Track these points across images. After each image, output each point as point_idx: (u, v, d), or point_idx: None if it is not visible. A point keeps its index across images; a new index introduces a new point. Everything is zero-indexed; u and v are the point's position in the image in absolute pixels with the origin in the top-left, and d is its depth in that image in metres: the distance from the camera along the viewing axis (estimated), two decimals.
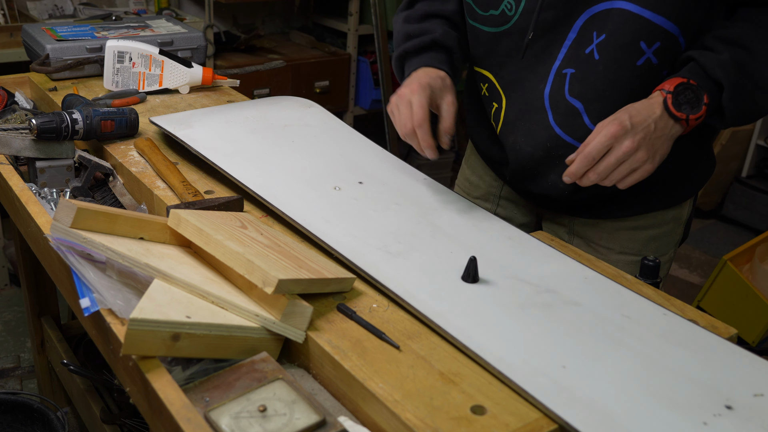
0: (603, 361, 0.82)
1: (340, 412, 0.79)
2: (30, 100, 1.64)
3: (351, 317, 0.87)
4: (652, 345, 0.85)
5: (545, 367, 0.80)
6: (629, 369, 0.81)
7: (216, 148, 1.26)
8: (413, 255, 1.01)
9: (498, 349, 0.82)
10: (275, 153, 1.27)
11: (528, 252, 1.04)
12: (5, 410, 1.70)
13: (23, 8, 3.00)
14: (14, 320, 2.54)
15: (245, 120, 1.39)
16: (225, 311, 0.83)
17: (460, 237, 1.06)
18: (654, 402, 0.76)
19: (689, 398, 0.77)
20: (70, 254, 0.88)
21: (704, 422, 0.74)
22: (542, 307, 0.91)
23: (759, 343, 2.40)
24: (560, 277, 0.98)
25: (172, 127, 1.33)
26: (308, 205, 1.11)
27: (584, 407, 0.74)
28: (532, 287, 0.95)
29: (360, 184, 1.19)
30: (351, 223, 1.07)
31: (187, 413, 0.71)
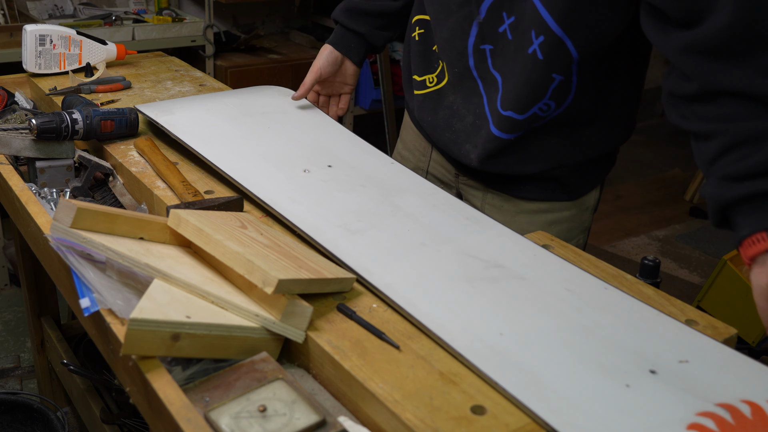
0: (538, 329, 0.87)
1: (340, 412, 0.79)
2: (30, 100, 1.64)
3: (351, 317, 0.87)
4: (589, 315, 0.89)
5: (483, 334, 0.85)
6: (562, 337, 0.85)
7: (194, 133, 1.32)
8: (371, 233, 1.06)
9: (441, 318, 0.87)
10: (250, 138, 1.33)
11: (483, 231, 1.08)
12: (5, 410, 1.70)
13: (23, 8, 3.00)
14: (14, 320, 2.54)
15: (225, 107, 1.46)
16: (225, 311, 0.83)
17: (420, 216, 1.11)
18: (582, 366, 0.81)
19: (616, 363, 0.81)
20: (70, 254, 0.88)
21: (627, 384, 0.78)
22: (489, 280, 0.96)
23: (759, 343, 2.40)
24: (510, 254, 1.02)
25: (154, 113, 1.40)
26: (277, 186, 1.17)
27: (515, 370, 0.79)
28: (481, 263, 0.99)
29: (329, 167, 1.24)
30: (316, 203, 1.13)
31: (187, 413, 0.71)
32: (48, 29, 1.71)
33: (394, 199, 1.15)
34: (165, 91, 1.70)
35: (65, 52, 1.73)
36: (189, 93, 1.69)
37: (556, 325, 0.87)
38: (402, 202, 1.14)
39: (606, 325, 0.88)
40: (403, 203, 1.14)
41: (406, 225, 1.08)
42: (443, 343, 0.83)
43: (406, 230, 1.06)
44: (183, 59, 2.05)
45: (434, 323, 0.86)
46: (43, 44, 1.71)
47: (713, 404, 0.77)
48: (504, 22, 1.11)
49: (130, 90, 1.70)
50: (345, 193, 1.16)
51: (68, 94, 1.59)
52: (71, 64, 1.75)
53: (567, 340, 0.85)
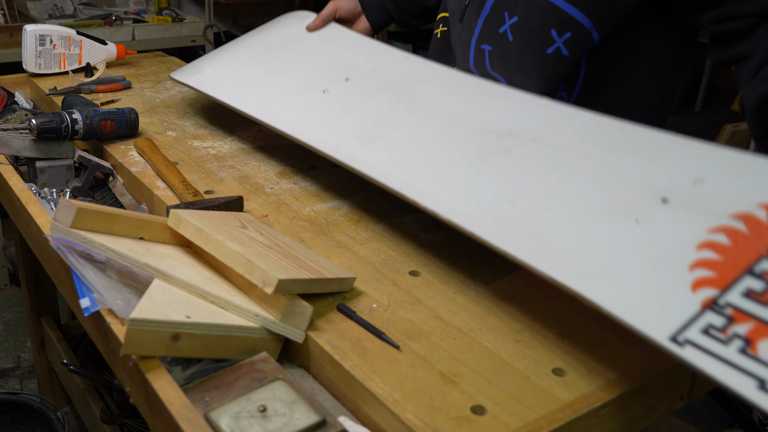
0: (548, 188, 0.87)
1: (340, 412, 0.79)
2: (30, 100, 1.64)
3: (351, 317, 0.87)
4: (600, 158, 0.87)
5: (494, 207, 0.88)
6: (573, 189, 0.85)
7: (219, 86, 1.41)
8: (388, 135, 1.08)
9: (455, 204, 0.91)
10: (271, 74, 1.38)
11: (496, 102, 1.06)
12: (5, 410, 1.70)
13: (23, 8, 3.00)
14: (14, 320, 2.54)
15: (247, 50, 1.50)
16: (225, 311, 0.83)
17: (435, 105, 1.11)
18: (590, 213, 0.80)
19: (626, 200, 0.80)
20: (70, 254, 0.88)
21: (636, 220, 0.77)
22: (502, 152, 0.96)
23: None
24: (522, 117, 1.00)
25: (184, 77, 1.49)
26: (298, 114, 1.21)
27: (524, 235, 0.82)
28: (494, 135, 0.99)
29: (346, 81, 1.26)
30: (335, 120, 1.17)
31: (187, 413, 0.71)
32: (48, 29, 1.72)
33: (409, 94, 1.15)
34: (165, 91, 1.70)
35: (65, 52, 1.74)
36: (189, 93, 1.69)
37: (567, 178, 0.87)
38: (417, 95, 1.14)
39: (618, 164, 0.86)
40: (419, 96, 1.14)
41: (421, 118, 1.09)
42: (460, 228, 0.86)
43: (422, 123, 1.08)
44: (183, 59, 2.05)
45: (449, 210, 0.90)
46: (43, 44, 1.71)
47: (727, 216, 0.74)
48: (505, 23, 1.10)
49: (130, 90, 1.70)
50: (362, 103, 1.17)
51: (68, 94, 1.59)
52: (71, 64, 1.76)
53: (576, 191, 0.84)
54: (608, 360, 0.82)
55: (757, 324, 0.72)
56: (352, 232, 1.09)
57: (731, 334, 0.73)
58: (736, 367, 0.72)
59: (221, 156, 1.35)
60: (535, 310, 0.91)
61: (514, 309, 0.92)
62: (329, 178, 1.28)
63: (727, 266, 0.75)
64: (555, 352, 0.83)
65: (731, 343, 0.73)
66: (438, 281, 0.97)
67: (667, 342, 0.75)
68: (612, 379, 0.79)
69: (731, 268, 0.75)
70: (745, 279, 0.75)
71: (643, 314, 0.76)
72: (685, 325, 0.75)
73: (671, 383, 0.83)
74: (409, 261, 1.02)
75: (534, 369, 0.80)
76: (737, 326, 0.73)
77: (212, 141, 1.42)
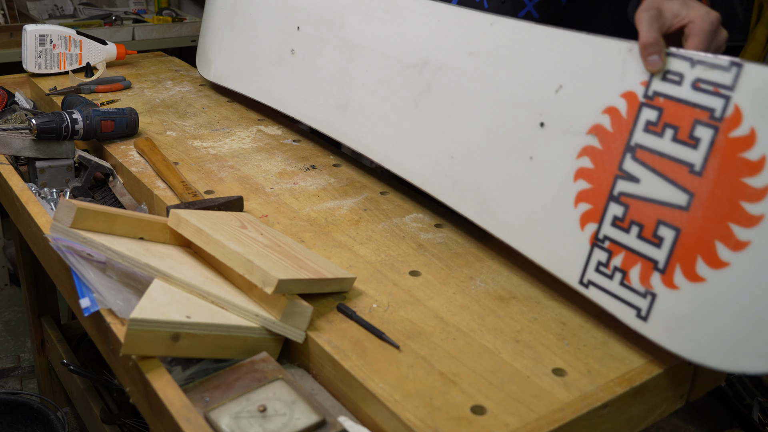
0: (469, 132, 1.02)
1: (340, 412, 0.79)
2: (30, 100, 1.64)
3: (351, 317, 0.87)
4: (489, 79, 1.00)
5: (443, 166, 1.04)
6: (482, 127, 1.00)
7: (228, 76, 1.61)
8: (353, 99, 1.23)
9: (401, 158, 1.11)
10: (245, 41, 1.54)
11: (409, 29, 1.15)
12: (5, 410, 1.70)
13: (23, 8, 3.00)
14: (14, 320, 2.54)
15: (223, 18, 1.64)
16: (225, 311, 0.83)
17: (376, 49, 1.20)
18: (503, 158, 0.96)
19: (518, 132, 0.94)
20: (70, 254, 0.88)
21: (530, 157, 0.92)
22: (426, 92, 1.09)
23: None
24: (428, 40, 1.11)
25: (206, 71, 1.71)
26: (281, 86, 1.41)
27: (467, 193, 1.00)
28: (414, 70, 1.12)
29: (298, 29, 1.38)
30: (305, 86, 1.33)
31: (187, 413, 0.71)
32: (48, 29, 1.72)
33: (344, 35, 1.27)
34: (165, 91, 1.70)
35: (65, 52, 1.74)
36: (189, 93, 1.69)
37: (476, 115, 1.01)
38: (350, 33, 1.26)
39: (502, 83, 0.98)
40: (354, 36, 1.25)
41: (367, 68, 1.21)
42: (415, 186, 1.05)
43: (367, 71, 1.21)
44: (183, 59, 2.05)
45: (396, 165, 1.11)
46: (43, 44, 1.71)
47: (584, 133, 0.87)
48: None
49: (130, 90, 1.70)
50: (323, 64, 1.30)
51: (68, 94, 1.59)
52: (71, 64, 1.76)
53: (486, 129, 0.99)
54: (608, 360, 0.82)
55: (626, 253, 0.83)
56: (352, 232, 1.09)
57: (613, 267, 0.84)
58: (620, 299, 0.84)
59: (221, 156, 1.35)
60: (536, 310, 0.91)
61: (514, 309, 0.92)
62: (329, 178, 1.28)
63: (597, 194, 0.86)
64: (555, 352, 0.83)
65: (614, 276, 0.84)
66: (438, 281, 0.97)
67: (579, 286, 0.88)
68: (612, 379, 0.79)
69: (599, 195, 0.85)
70: (610, 206, 0.85)
71: (560, 262, 0.89)
72: (585, 266, 0.87)
73: (671, 383, 0.83)
74: (409, 261, 1.02)
75: (534, 369, 0.80)
76: (615, 259, 0.84)
77: (212, 141, 1.42)
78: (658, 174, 0.80)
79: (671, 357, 0.83)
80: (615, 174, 0.84)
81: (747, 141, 0.73)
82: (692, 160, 0.77)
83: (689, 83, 0.78)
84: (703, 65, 0.77)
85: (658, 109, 0.81)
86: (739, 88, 0.74)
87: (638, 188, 0.82)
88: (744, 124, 0.73)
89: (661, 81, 0.80)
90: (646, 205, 0.81)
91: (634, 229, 0.82)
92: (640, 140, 0.82)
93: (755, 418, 2.08)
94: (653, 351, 0.84)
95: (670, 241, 0.79)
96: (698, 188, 0.76)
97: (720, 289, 0.74)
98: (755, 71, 0.73)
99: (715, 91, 0.76)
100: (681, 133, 0.78)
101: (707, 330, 0.75)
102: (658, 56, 0.81)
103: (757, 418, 2.07)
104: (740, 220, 0.73)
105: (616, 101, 0.84)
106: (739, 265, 0.73)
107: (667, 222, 0.79)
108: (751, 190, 0.72)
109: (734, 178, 0.74)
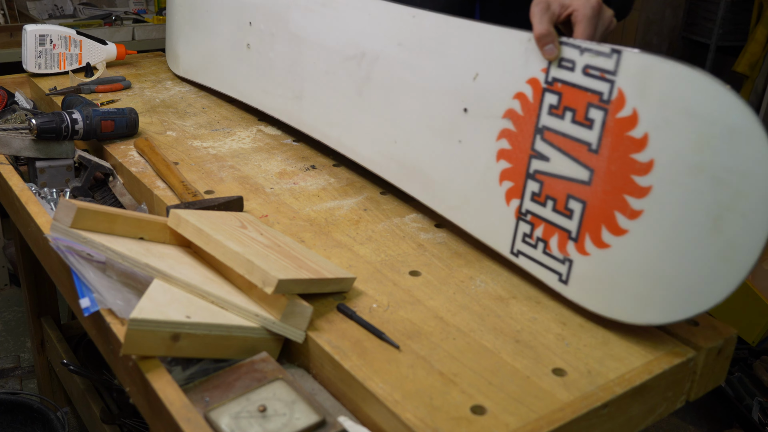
0: (410, 120, 1.09)
1: (340, 412, 0.79)
2: (30, 100, 1.64)
3: (351, 317, 0.87)
4: (418, 68, 1.07)
5: (389, 149, 1.12)
6: (418, 113, 1.07)
7: (196, 70, 1.67)
8: (305, 87, 1.30)
9: (367, 152, 1.18)
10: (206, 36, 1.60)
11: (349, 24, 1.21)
12: (5, 410, 1.70)
13: (23, 8, 3.00)
14: (14, 320, 2.54)
15: (183, 15, 1.68)
16: (225, 311, 0.83)
17: (322, 41, 1.26)
18: (439, 142, 1.04)
19: (446, 118, 1.02)
20: (70, 254, 0.87)
21: (459, 141, 1.01)
22: (366, 82, 1.15)
23: (759, 343, 2.40)
24: (364, 32, 1.17)
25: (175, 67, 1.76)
26: (243, 79, 1.48)
27: (412, 174, 1.09)
28: (354, 61, 1.17)
29: (250, 25, 1.43)
30: (264, 78, 1.39)
31: (187, 413, 0.71)
32: (48, 29, 1.72)
33: (291, 28, 1.32)
34: (165, 91, 1.70)
35: (65, 52, 1.74)
36: (188, 93, 1.69)
37: (412, 104, 1.08)
38: (300, 31, 1.31)
39: (428, 71, 1.05)
40: (300, 30, 1.31)
41: (315, 60, 1.27)
42: (381, 177, 1.13)
43: (315, 63, 1.26)
44: None
45: (349, 150, 1.20)
46: (43, 44, 1.71)
47: (500, 117, 0.95)
48: None
49: (130, 90, 1.70)
50: (276, 57, 1.36)
51: (68, 94, 1.59)
52: (71, 64, 1.76)
53: (422, 116, 1.07)
54: (608, 360, 0.82)
55: (545, 225, 0.92)
56: (352, 232, 1.09)
57: (536, 238, 0.93)
58: (544, 266, 0.93)
59: (221, 156, 1.35)
60: (536, 310, 0.91)
61: (514, 309, 0.92)
62: (329, 178, 1.28)
63: (516, 172, 0.94)
64: (555, 352, 0.83)
65: (538, 245, 0.93)
66: (438, 281, 0.97)
67: (510, 255, 0.97)
68: (612, 379, 0.79)
69: (518, 173, 0.94)
70: (528, 183, 0.93)
71: (494, 234, 0.99)
72: (513, 237, 0.96)
73: (671, 383, 0.83)
74: (409, 261, 1.02)
75: (534, 369, 0.80)
76: (537, 230, 0.93)
77: (212, 141, 1.42)
78: (564, 153, 0.88)
79: (671, 357, 0.83)
80: (529, 154, 0.92)
81: (631, 121, 0.81)
82: (589, 139, 0.85)
83: (580, 69, 0.86)
84: (589, 52, 0.85)
85: (558, 93, 0.89)
86: (620, 72, 0.82)
87: (549, 166, 0.90)
88: (627, 105, 0.81)
89: (557, 68, 0.88)
90: (556, 182, 0.90)
91: (549, 203, 0.91)
92: (546, 122, 0.90)
93: (755, 418, 2.08)
94: (653, 351, 0.84)
95: (578, 213, 0.88)
96: (596, 165, 0.85)
97: (623, 253, 0.83)
98: (633, 57, 0.80)
99: (601, 76, 0.83)
100: (578, 115, 0.86)
101: (616, 289, 0.85)
102: (552, 45, 0.89)
103: (757, 418, 2.07)
104: (633, 192, 0.81)
105: (523, 87, 0.93)
106: (636, 232, 0.82)
107: (575, 196, 0.88)
108: (639, 165, 0.80)
109: (624, 155, 0.82)
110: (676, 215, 0.78)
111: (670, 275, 0.80)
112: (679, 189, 0.77)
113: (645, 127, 0.79)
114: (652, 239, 0.80)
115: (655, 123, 0.79)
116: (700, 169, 0.76)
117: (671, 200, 0.78)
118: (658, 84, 0.78)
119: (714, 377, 0.89)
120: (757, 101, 4.00)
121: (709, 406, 2.25)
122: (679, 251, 0.78)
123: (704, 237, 0.76)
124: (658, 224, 0.79)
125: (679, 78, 0.76)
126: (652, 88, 0.79)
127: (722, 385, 2.11)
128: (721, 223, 0.75)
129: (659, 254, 0.80)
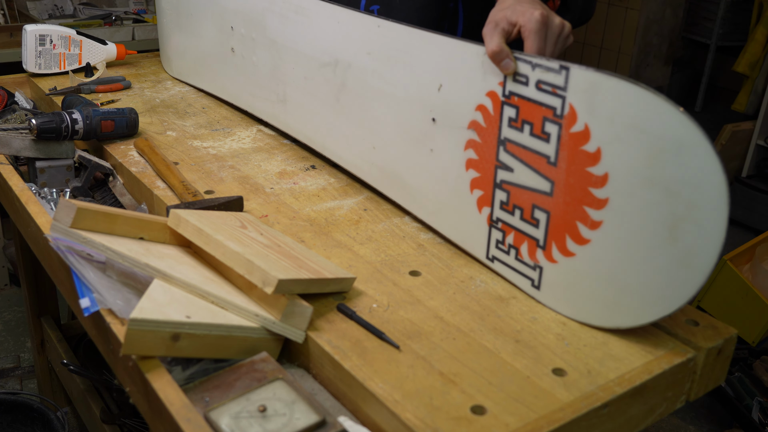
0: (385, 128, 1.11)
1: (340, 412, 0.79)
2: (30, 100, 1.64)
3: (351, 317, 0.87)
4: (388, 79, 1.08)
5: (369, 155, 1.14)
6: (392, 121, 1.09)
7: (188, 72, 1.69)
8: (288, 92, 1.32)
9: (349, 156, 1.20)
10: (194, 39, 1.62)
11: (322, 31, 1.22)
12: (5, 410, 1.70)
13: (23, 8, 3.00)
14: (14, 320, 2.53)
15: (170, 18, 1.69)
16: (225, 311, 0.83)
17: (287, 45, 1.29)
18: (413, 150, 1.06)
19: (418, 127, 1.04)
20: (70, 254, 0.87)
21: (431, 150, 1.02)
22: (342, 89, 1.17)
23: (759, 343, 2.40)
24: (336, 40, 1.18)
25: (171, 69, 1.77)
26: (231, 82, 1.50)
27: (390, 179, 1.12)
28: (329, 68, 1.19)
29: (232, 29, 1.45)
30: (250, 82, 1.41)
31: (187, 413, 0.71)
32: (48, 29, 1.72)
33: (269, 33, 1.33)
34: (165, 91, 1.70)
35: (65, 52, 1.74)
36: (188, 93, 1.69)
37: (385, 111, 1.10)
38: (276, 35, 1.32)
39: (398, 81, 1.06)
40: (277, 36, 1.31)
41: (294, 65, 1.28)
42: (364, 180, 1.15)
43: (294, 69, 1.28)
44: None
45: (333, 154, 1.23)
46: (43, 44, 1.71)
47: (465, 127, 0.96)
48: None
49: (130, 90, 1.70)
50: (258, 61, 1.38)
51: (68, 94, 1.59)
52: (71, 64, 1.76)
53: (395, 124, 1.08)
54: (608, 360, 0.82)
55: (515, 233, 0.94)
56: (352, 232, 1.09)
57: (508, 245, 0.95)
58: (517, 271, 0.95)
59: (221, 156, 1.35)
60: (536, 310, 0.91)
61: (514, 309, 0.92)
62: (329, 178, 1.28)
63: (485, 181, 0.96)
64: (555, 352, 0.83)
65: (510, 252, 0.95)
66: (438, 281, 0.97)
67: (486, 260, 0.99)
68: (612, 379, 0.79)
69: (487, 183, 0.96)
70: (496, 193, 0.95)
71: (470, 240, 1.01)
72: (488, 243, 0.98)
73: (671, 383, 0.83)
74: (409, 261, 1.02)
75: (534, 369, 0.80)
76: (508, 237, 0.95)
77: (212, 141, 1.42)
78: (526, 164, 0.90)
79: (671, 357, 0.83)
80: (495, 164, 0.94)
81: (584, 135, 0.82)
82: (547, 152, 0.87)
83: (534, 84, 0.87)
84: (540, 68, 0.86)
85: (515, 107, 0.90)
86: (569, 89, 0.83)
87: (513, 177, 0.92)
88: (579, 121, 0.82)
89: (513, 82, 0.89)
90: (522, 192, 0.91)
91: (517, 212, 0.93)
92: (508, 134, 0.92)
93: (755, 418, 2.08)
94: (653, 351, 0.84)
95: (544, 223, 0.89)
96: (556, 177, 0.86)
97: (587, 261, 0.86)
98: (580, 74, 0.81)
99: (553, 91, 0.84)
100: (536, 129, 0.88)
101: (584, 295, 0.87)
102: (508, 59, 0.89)
103: (757, 418, 2.07)
104: (591, 204, 0.83)
105: (483, 99, 0.94)
106: (597, 241, 0.84)
107: (539, 206, 0.89)
108: (595, 178, 0.82)
109: (580, 168, 0.83)
110: (634, 226, 0.80)
111: (633, 281, 0.82)
112: (634, 201, 0.79)
113: (597, 141, 0.81)
114: (613, 248, 0.82)
115: (607, 138, 0.80)
116: (652, 182, 0.77)
117: (628, 212, 0.80)
118: (606, 100, 0.79)
119: (714, 377, 0.89)
120: (757, 101, 3.99)
121: (709, 406, 2.25)
122: (640, 259, 0.80)
123: (662, 245, 0.78)
124: (618, 234, 0.81)
125: (626, 95, 0.78)
126: (600, 104, 0.80)
127: (722, 385, 2.11)
128: (677, 233, 0.76)
129: (621, 262, 0.82)
